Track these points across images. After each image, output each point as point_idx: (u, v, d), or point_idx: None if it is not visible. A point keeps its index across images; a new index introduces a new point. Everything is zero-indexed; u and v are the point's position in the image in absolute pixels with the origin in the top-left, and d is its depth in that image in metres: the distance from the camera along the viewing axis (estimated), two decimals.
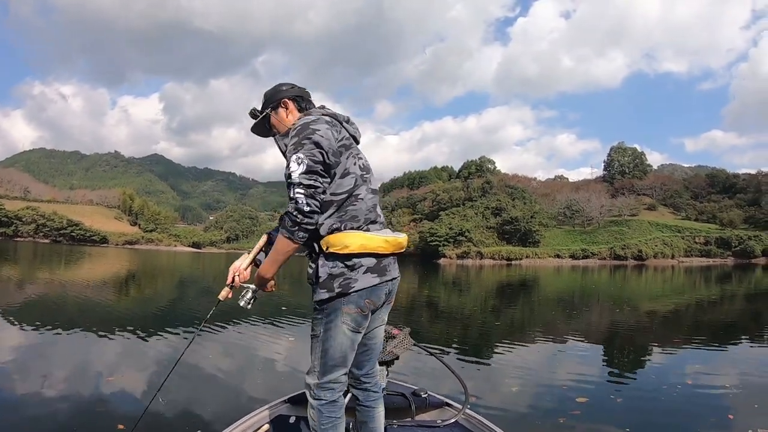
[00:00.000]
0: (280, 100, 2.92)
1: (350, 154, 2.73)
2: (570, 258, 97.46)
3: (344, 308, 2.63)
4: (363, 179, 2.76)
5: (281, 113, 2.92)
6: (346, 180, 2.67)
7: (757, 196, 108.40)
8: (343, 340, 2.68)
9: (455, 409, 3.96)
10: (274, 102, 2.93)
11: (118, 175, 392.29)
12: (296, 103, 2.94)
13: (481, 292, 27.41)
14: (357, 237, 2.61)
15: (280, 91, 2.95)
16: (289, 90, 2.96)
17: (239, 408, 5.25)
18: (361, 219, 2.68)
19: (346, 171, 2.67)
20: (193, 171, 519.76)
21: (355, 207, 2.67)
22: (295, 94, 2.95)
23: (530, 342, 11.30)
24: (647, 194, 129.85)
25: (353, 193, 2.68)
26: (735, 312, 19.44)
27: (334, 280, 2.60)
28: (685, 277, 45.80)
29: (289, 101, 2.92)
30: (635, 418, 5.78)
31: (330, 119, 2.72)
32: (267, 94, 3.00)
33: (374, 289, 2.69)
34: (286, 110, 2.92)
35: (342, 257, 2.60)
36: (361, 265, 2.63)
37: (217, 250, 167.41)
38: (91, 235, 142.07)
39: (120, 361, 8.13)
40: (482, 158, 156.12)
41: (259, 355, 8.91)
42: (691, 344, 11.36)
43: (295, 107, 2.93)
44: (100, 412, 5.47)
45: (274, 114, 2.93)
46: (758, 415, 5.94)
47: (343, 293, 2.60)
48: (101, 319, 12.01)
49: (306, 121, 2.63)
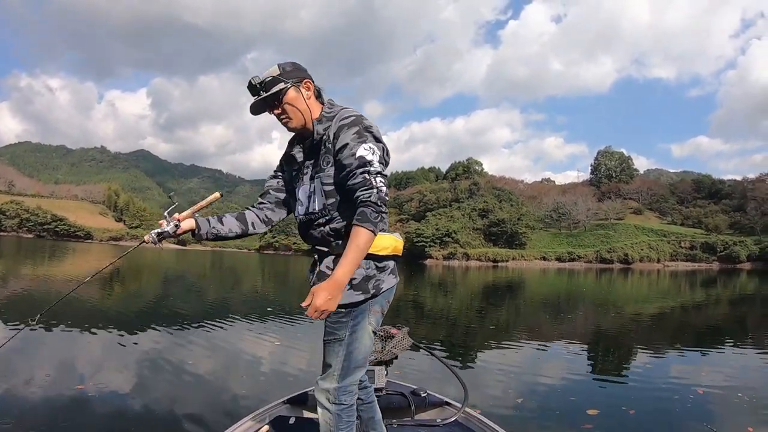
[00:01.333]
0: (303, 79, 2.57)
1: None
2: (556, 260, 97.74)
3: (371, 309, 2.55)
4: None
5: (303, 94, 2.55)
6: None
7: (743, 202, 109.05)
8: (367, 341, 2.58)
9: (455, 408, 3.90)
10: (297, 78, 2.55)
11: (104, 170, 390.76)
12: (317, 90, 2.65)
13: (468, 293, 27.34)
14: (389, 239, 2.60)
15: (303, 69, 2.62)
16: (308, 72, 2.64)
17: (239, 410, 5.22)
18: (387, 221, 2.53)
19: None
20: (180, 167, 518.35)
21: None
22: (314, 79, 2.66)
23: (520, 343, 11.22)
24: (633, 198, 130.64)
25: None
26: (741, 316, 19.51)
27: (369, 282, 2.52)
28: (671, 281, 45.87)
29: (312, 84, 2.60)
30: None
31: None
32: (285, 66, 2.57)
33: (392, 290, 2.67)
34: (309, 92, 2.59)
35: (376, 258, 2.54)
36: (388, 267, 2.62)
37: (202, 247, 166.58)
38: (75, 231, 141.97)
39: (101, 358, 8.05)
40: (470, 160, 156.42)
41: (258, 355, 8.74)
42: (689, 348, 11.28)
43: (314, 94, 2.63)
44: (80, 410, 5.35)
45: (294, 91, 2.53)
46: None
47: (375, 294, 2.53)
48: (84, 316, 11.85)
49: (358, 114, 2.48)
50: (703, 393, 6.86)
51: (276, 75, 2.53)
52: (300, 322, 12.16)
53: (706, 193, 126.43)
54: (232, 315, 13.37)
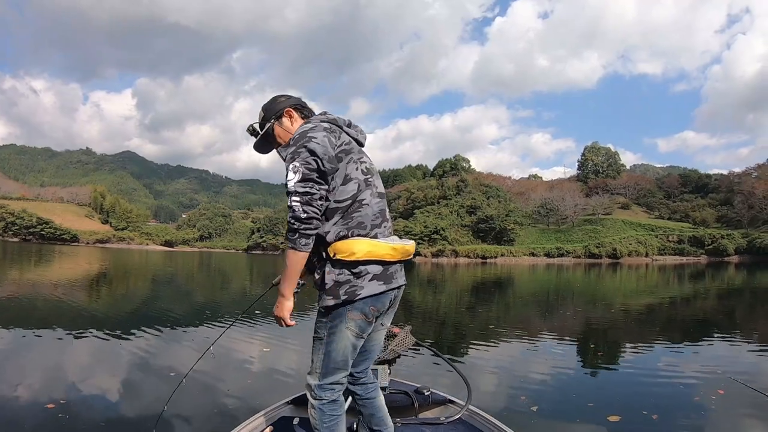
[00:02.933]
0: (283, 110, 2.91)
1: (351, 159, 2.70)
2: (545, 256, 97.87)
3: (349, 314, 2.64)
4: (367, 183, 2.74)
5: (286, 123, 2.90)
6: (348, 186, 2.66)
7: (729, 196, 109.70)
8: (346, 344, 2.70)
9: (458, 406, 3.90)
10: (277, 113, 2.91)
11: (90, 172, 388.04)
12: (299, 111, 2.94)
13: (458, 290, 27.43)
14: (364, 244, 2.61)
15: (281, 101, 2.95)
16: (289, 100, 2.96)
17: (240, 410, 5.32)
18: (368, 225, 2.68)
19: (347, 177, 2.67)
20: (166, 168, 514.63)
21: (360, 213, 2.67)
22: (296, 103, 2.96)
23: (515, 339, 11.22)
24: (621, 193, 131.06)
25: (357, 199, 2.67)
26: (748, 308, 19.47)
27: (340, 288, 2.60)
28: (660, 274, 45.93)
29: (293, 110, 2.92)
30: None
31: (329, 125, 2.73)
32: (266, 107, 2.97)
33: (379, 297, 2.69)
34: (291, 119, 2.91)
35: (348, 264, 2.61)
36: (367, 272, 2.63)
37: (189, 248, 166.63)
38: (61, 234, 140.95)
39: (93, 362, 8.04)
40: (457, 157, 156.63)
41: (256, 356, 8.71)
42: (695, 343, 11.18)
43: (299, 115, 2.93)
44: (73, 417, 5.29)
45: (278, 125, 2.91)
46: None
47: (349, 300, 2.61)
48: (71, 320, 11.83)
49: (304, 130, 2.65)
50: (724, 394, 6.63)
51: (262, 117, 2.93)
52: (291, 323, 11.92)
53: (693, 188, 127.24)
54: (223, 316, 13.44)
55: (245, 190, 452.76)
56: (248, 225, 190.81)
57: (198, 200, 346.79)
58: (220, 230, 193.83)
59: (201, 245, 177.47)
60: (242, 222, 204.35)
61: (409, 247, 2.82)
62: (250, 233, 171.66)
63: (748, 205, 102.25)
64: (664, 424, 5.56)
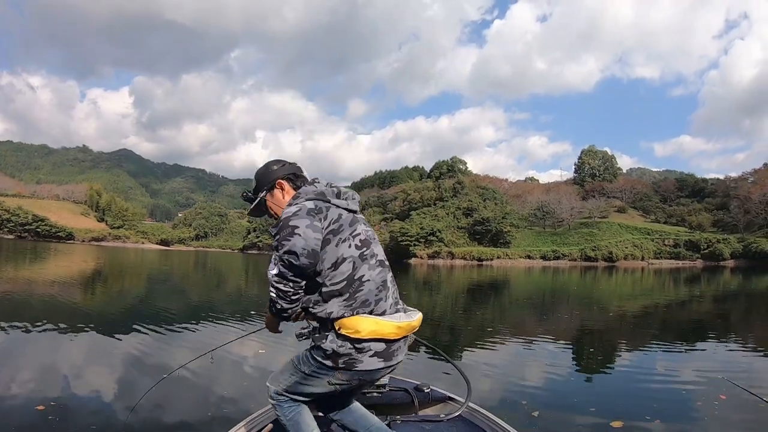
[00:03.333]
0: (274, 181, 2.92)
1: (340, 238, 2.66)
2: (541, 259, 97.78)
3: (338, 375, 2.67)
4: (363, 258, 2.69)
5: (277, 195, 2.92)
6: (342, 267, 2.63)
7: (726, 201, 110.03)
8: (317, 390, 2.76)
9: (458, 403, 3.90)
10: (268, 184, 2.93)
11: (86, 170, 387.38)
12: (291, 182, 2.93)
13: (455, 292, 27.33)
14: (369, 323, 2.60)
15: (273, 171, 2.95)
16: (281, 169, 2.95)
17: (240, 410, 5.33)
18: (372, 302, 2.65)
19: (339, 258, 2.63)
20: (163, 167, 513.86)
21: (362, 291, 2.63)
22: (288, 173, 2.95)
23: (512, 341, 11.26)
24: (617, 197, 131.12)
25: (355, 278, 2.63)
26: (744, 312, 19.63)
27: (339, 358, 2.62)
28: (656, 278, 46.05)
29: (284, 181, 2.92)
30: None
31: (314, 205, 2.68)
32: (258, 175, 2.99)
33: (375, 372, 2.71)
34: (282, 191, 2.91)
35: (352, 340, 2.60)
36: (369, 348, 2.62)
37: (185, 247, 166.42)
38: (56, 231, 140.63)
39: (84, 363, 7.99)
40: (454, 158, 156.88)
41: (252, 356, 8.78)
42: (693, 347, 11.28)
43: (291, 186, 2.92)
44: (59, 420, 5.22)
45: (270, 196, 2.93)
46: None
47: (345, 369, 2.63)
48: (65, 319, 11.68)
49: (287, 215, 2.63)
50: (725, 399, 6.59)
51: (254, 186, 2.99)
52: (284, 324, 11.90)
53: (689, 192, 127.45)
54: (218, 316, 13.36)
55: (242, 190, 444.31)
56: (244, 225, 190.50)
57: (194, 199, 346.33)
58: (216, 229, 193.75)
59: (197, 244, 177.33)
60: (238, 222, 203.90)
61: (414, 323, 2.80)
62: (246, 233, 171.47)
63: (744, 210, 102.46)
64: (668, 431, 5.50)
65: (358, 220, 2.82)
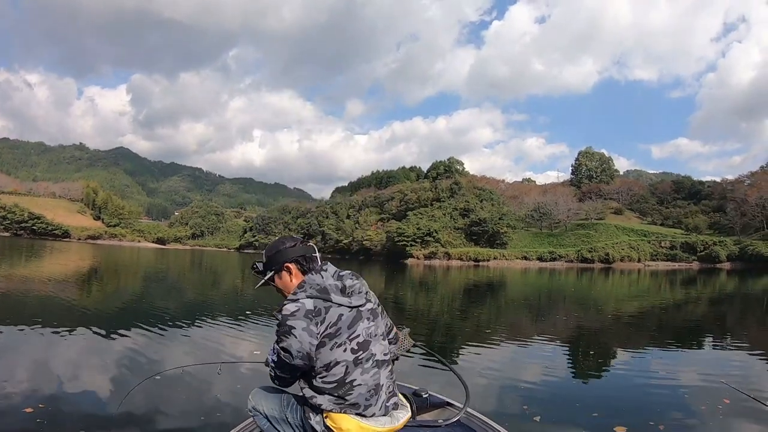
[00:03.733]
0: (282, 264, 2.94)
1: (336, 343, 2.71)
2: (537, 260, 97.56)
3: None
4: (357, 362, 2.75)
5: (285, 277, 2.94)
6: (335, 370, 2.70)
7: (722, 203, 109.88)
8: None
9: (456, 409, 3.91)
10: (276, 266, 2.95)
11: (83, 167, 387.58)
12: (299, 265, 2.94)
13: (452, 292, 27.41)
14: (353, 424, 2.70)
15: (281, 252, 2.96)
16: (291, 250, 2.96)
17: (234, 415, 5.29)
18: (362, 405, 2.74)
19: (333, 362, 2.70)
20: (159, 165, 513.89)
21: (352, 394, 2.72)
22: (298, 255, 2.95)
23: (511, 343, 11.24)
24: (614, 199, 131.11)
25: (347, 381, 2.71)
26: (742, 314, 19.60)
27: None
28: (652, 280, 46.02)
29: (292, 265, 2.93)
30: None
31: (313, 306, 2.71)
32: (269, 252, 3.02)
33: None
34: (290, 274, 2.94)
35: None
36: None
37: (182, 246, 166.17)
38: (52, 229, 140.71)
39: (82, 360, 8.02)
40: (451, 159, 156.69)
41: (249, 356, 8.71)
42: (694, 348, 11.34)
43: (299, 270, 2.94)
44: (61, 412, 5.37)
45: (278, 277, 2.97)
46: None
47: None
48: (61, 317, 11.74)
49: (286, 313, 2.70)
50: (729, 403, 6.50)
51: (264, 262, 3.00)
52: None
53: (686, 194, 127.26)
54: (214, 316, 13.31)
55: (238, 189, 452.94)
56: (240, 224, 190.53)
57: (191, 198, 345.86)
58: (212, 228, 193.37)
59: (193, 243, 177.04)
60: (235, 221, 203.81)
61: (398, 426, 2.87)
62: (243, 232, 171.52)
63: (741, 213, 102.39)
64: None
65: (361, 317, 2.83)
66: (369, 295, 2.95)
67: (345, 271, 2.94)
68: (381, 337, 2.93)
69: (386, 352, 2.94)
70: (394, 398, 2.96)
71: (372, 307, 2.93)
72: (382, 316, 3.03)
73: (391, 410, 2.90)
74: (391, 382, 2.95)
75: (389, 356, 2.99)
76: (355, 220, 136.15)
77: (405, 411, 2.99)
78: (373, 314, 2.92)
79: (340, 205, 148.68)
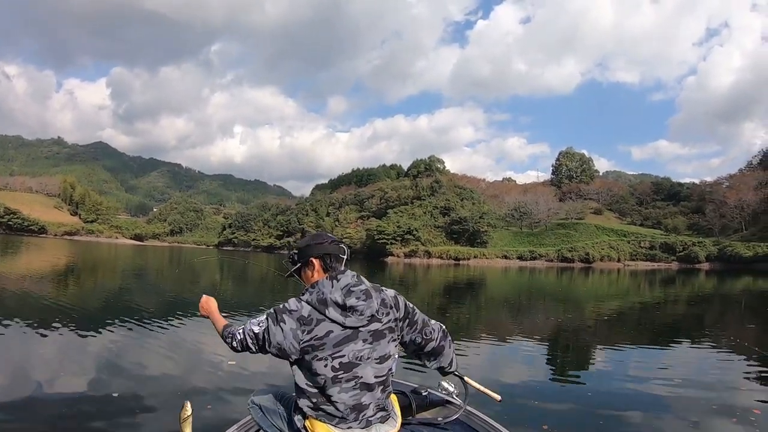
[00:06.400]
0: (308, 258, 3.01)
1: (316, 356, 2.74)
2: (517, 259, 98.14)
3: None
4: (335, 380, 2.75)
5: (307, 271, 3.02)
6: (315, 378, 2.76)
7: (701, 205, 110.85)
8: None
9: (456, 407, 3.85)
10: (303, 259, 3.04)
11: (61, 162, 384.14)
12: (323, 262, 2.98)
13: (431, 291, 27.55)
14: (326, 430, 2.76)
15: (311, 247, 3.02)
16: (318, 248, 3.01)
17: (238, 409, 5.24)
18: (337, 418, 2.76)
19: (313, 371, 2.76)
20: (138, 161, 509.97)
21: (329, 407, 2.76)
22: (324, 252, 2.99)
23: (493, 341, 11.38)
24: (593, 199, 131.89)
25: (325, 393, 2.75)
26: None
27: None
28: (632, 280, 46.24)
29: (316, 261, 2.99)
30: None
31: (308, 314, 2.77)
32: (300, 245, 3.10)
33: None
34: (312, 270, 3.00)
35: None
36: None
37: (160, 243, 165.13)
38: (29, 225, 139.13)
39: (59, 358, 7.95)
40: (432, 158, 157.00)
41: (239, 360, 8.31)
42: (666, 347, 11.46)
43: (321, 267, 2.98)
44: (36, 412, 5.30)
45: (303, 270, 3.06)
46: None
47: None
48: (39, 313, 11.83)
49: (286, 306, 2.83)
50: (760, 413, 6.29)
51: (296, 254, 3.08)
52: None
53: (665, 195, 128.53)
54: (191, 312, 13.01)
55: (218, 185, 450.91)
56: (220, 220, 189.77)
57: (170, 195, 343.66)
58: (191, 225, 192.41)
59: (171, 240, 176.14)
60: (214, 217, 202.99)
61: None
62: (222, 229, 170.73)
63: (720, 214, 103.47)
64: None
65: (355, 338, 2.78)
66: (380, 314, 2.83)
67: (362, 286, 2.85)
68: (376, 360, 2.82)
69: (380, 375, 2.84)
70: (383, 412, 2.90)
71: (378, 328, 2.83)
72: (399, 333, 2.98)
73: (376, 423, 2.85)
74: (381, 400, 2.88)
75: (386, 378, 2.90)
76: (335, 217, 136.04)
77: (392, 424, 2.94)
78: (375, 336, 2.82)
79: (320, 202, 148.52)
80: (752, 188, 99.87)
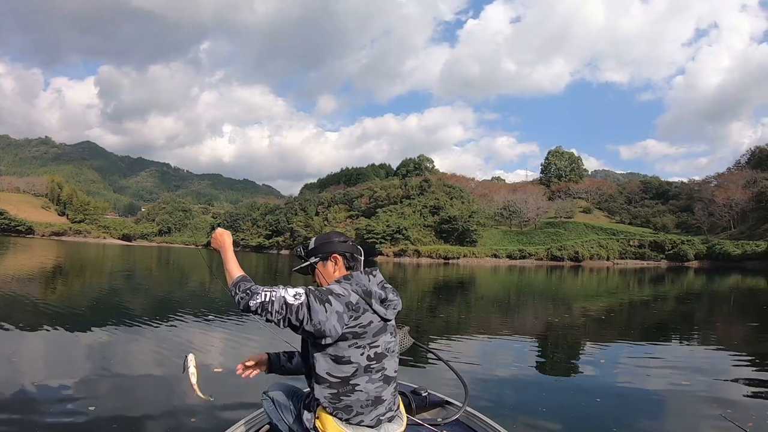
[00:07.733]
0: (331, 254, 2.98)
1: (356, 343, 2.72)
2: (507, 258, 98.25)
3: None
4: (367, 369, 2.75)
5: (329, 266, 2.98)
6: (344, 367, 2.71)
7: (689, 203, 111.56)
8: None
9: (456, 407, 3.89)
10: (325, 253, 2.99)
11: (49, 162, 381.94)
12: (346, 260, 2.98)
13: (420, 290, 27.32)
14: (337, 430, 2.72)
15: (334, 243, 3.01)
16: (342, 245, 3.01)
17: (239, 409, 5.23)
18: (355, 410, 2.73)
19: (345, 358, 2.71)
20: (127, 160, 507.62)
21: (350, 398, 2.72)
22: (346, 250, 3.00)
23: (486, 339, 11.31)
24: (583, 198, 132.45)
25: (350, 382, 2.72)
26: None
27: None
28: (621, 278, 46.35)
29: (340, 257, 2.98)
30: None
31: (356, 301, 2.73)
32: (318, 241, 3.06)
33: None
34: (335, 265, 2.97)
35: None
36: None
37: (148, 243, 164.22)
38: (16, 225, 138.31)
39: (46, 359, 7.92)
40: (421, 157, 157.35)
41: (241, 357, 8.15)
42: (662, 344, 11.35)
43: (344, 264, 2.98)
44: (22, 413, 5.24)
45: (322, 265, 2.99)
46: None
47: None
48: (26, 315, 11.77)
49: (336, 289, 2.73)
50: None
51: (311, 247, 3.05)
52: (258, 323, 12.53)
53: (654, 194, 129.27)
54: (180, 313, 13.04)
55: (207, 185, 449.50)
56: (209, 220, 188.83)
57: (159, 195, 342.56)
58: (179, 225, 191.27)
59: (160, 240, 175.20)
60: (203, 217, 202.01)
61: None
62: (210, 228, 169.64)
63: (708, 213, 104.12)
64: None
65: (386, 329, 2.83)
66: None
67: (387, 285, 2.93)
68: (396, 354, 2.92)
69: (397, 370, 2.91)
70: (391, 412, 2.89)
71: (394, 323, 2.95)
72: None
73: (385, 422, 2.84)
74: (393, 397, 2.90)
75: (397, 374, 2.94)
76: (324, 216, 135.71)
77: (399, 423, 2.93)
78: (394, 331, 2.92)
79: (309, 201, 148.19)
80: (741, 187, 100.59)
